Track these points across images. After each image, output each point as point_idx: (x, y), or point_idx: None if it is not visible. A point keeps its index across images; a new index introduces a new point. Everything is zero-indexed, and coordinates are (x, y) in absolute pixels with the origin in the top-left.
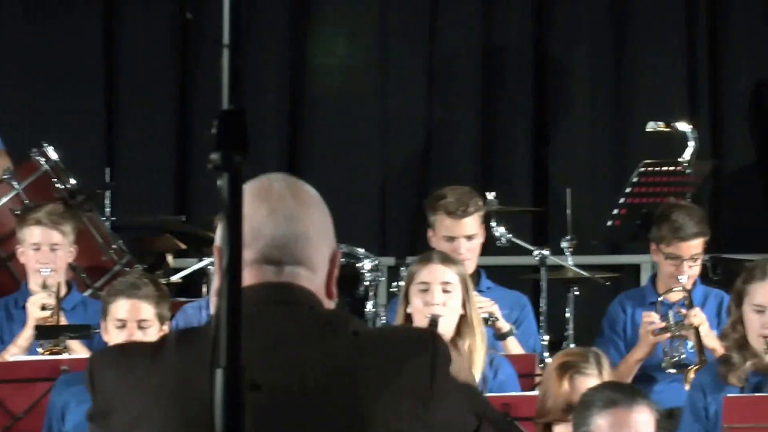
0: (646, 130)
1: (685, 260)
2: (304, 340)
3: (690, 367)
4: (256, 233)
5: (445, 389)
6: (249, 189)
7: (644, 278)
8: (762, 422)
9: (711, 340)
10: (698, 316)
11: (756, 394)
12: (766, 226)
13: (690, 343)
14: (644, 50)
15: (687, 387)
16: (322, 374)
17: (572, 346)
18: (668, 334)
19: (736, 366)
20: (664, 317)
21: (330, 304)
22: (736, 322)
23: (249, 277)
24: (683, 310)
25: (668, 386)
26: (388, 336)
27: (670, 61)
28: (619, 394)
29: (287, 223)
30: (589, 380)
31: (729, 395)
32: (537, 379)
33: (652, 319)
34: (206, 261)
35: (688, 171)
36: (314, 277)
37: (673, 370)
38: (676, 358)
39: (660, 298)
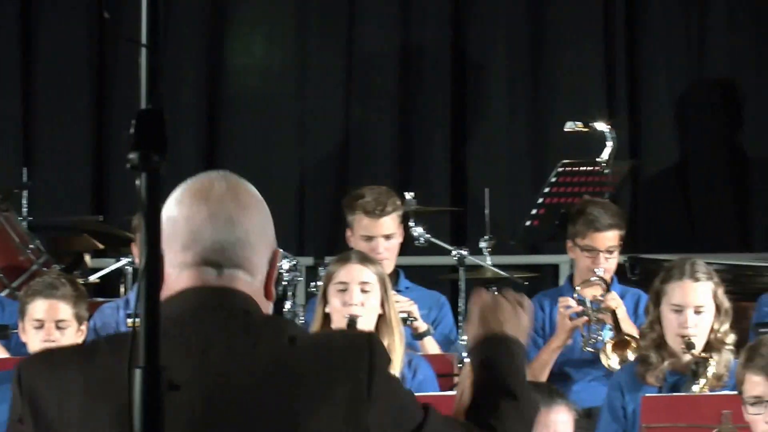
0: (564, 130)
1: (600, 252)
2: (237, 345)
3: (608, 341)
4: (195, 236)
5: (384, 391)
6: (189, 189)
7: (563, 278)
8: (679, 422)
9: (628, 325)
10: (615, 300)
11: (673, 394)
12: (684, 226)
13: (608, 328)
14: (562, 50)
15: (604, 360)
16: (255, 380)
17: None
18: (585, 318)
19: (653, 365)
20: (581, 302)
21: (269, 306)
22: (654, 321)
23: (188, 280)
24: (601, 298)
25: (586, 385)
26: (325, 342)
27: (588, 61)
28: (536, 395)
29: (227, 227)
30: None
31: (647, 395)
32: (455, 379)
33: (568, 303)
34: (124, 261)
35: (606, 171)
36: (253, 280)
37: (590, 350)
38: (594, 340)
39: (577, 288)
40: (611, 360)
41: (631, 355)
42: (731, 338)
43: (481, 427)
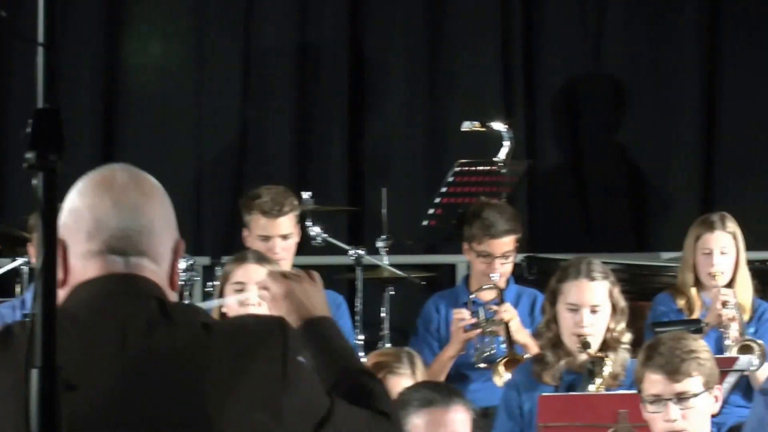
0: (462, 129)
1: (496, 257)
2: (151, 331)
3: (499, 360)
4: (99, 224)
5: (297, 375)
6: (91, 180)
7: (460, 278)
8: (576, 421)
9: (522, 335)
10: (509, 312)
11: (570, 393)
12: (581, 226)
13: (501, 339)
14: (459, 50)
15: (497, 380)
16: (173, 366)
17: (387, 345)
18: (479, 330)
19: (550, 365)
20: (475, 314)
21: (173, 296)
22: (550, 320)
23: (95, 268)
24: (494, 307)
25: (483, 385)
26: (238, 326)
27: (485, 61)
28: (435, 394)
29: (132, 215)
30: (402, 380)
31: (543, 394)
32: None
33: (462, 315)
34: (20, 261)
35: (503, 171)
36: (158, 268)
37: (483, 365)
38: (487, 353)
39: (472, 296)
40: (504, 377)
41: None
42: (627, 337)
43: (375, 412)
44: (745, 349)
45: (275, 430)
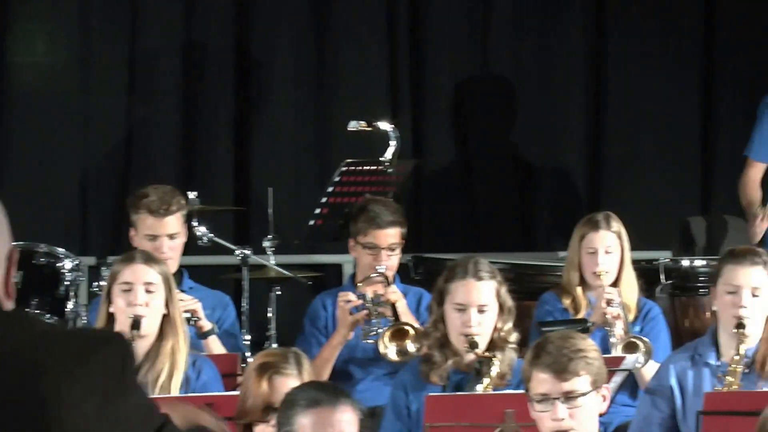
0: (348, 129)
1: (382, 249)
2: None
3: (386, 329)
4: None
5: (134, 381)
6: None
7: (346, 278)
8: (463, 420)
9: (409, 319)
10: (395, 293)
11: (457, 393)
12: (468, 226)
13: (388, 321)
14: (345, 49)
15: (381, 348)
16: (7, 373)
17: (274, 345)
18: (365, 312)
19: (437, 364)
20: (361, 297)
21: (9, 304)
22: (438, 320)
23: None
24: (381, 290)
25: (371, 385)
26: (78, 332)
27: (371, 61)
28: (322, 394)
29: None
30: (289, 380)
31: (430, 394)
32: (239, 379)
33: (348, 297)
34: None
35: (389, 170)
36: None
37: (370, 341)
38: (374, 332)
39: (359, 284)
40: (389, 349)
41: (410, 345)
42: (514, 337)
43: None
44: (630, 347)
45: (114, 421)
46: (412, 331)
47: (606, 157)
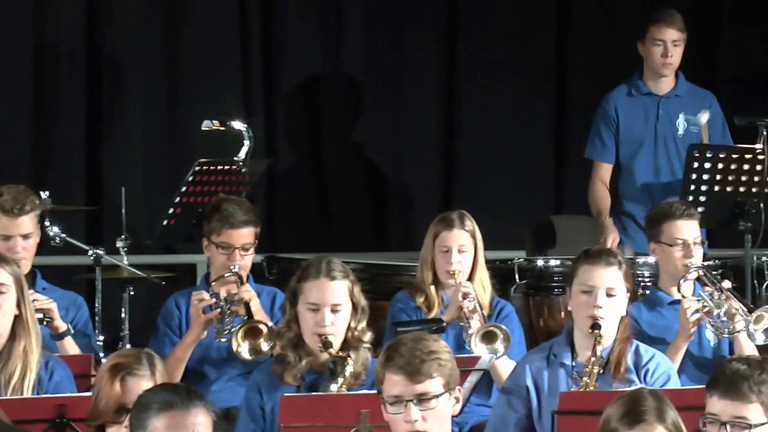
0: (202, 128)
1: (236, 249)
2: None
3: (239, 326)
4: None
5: None
6: None
7: (200, 278)
8: (318, 421)
9: (262, 317)
10: (249, 291)
11: (312, 393)
12: (321, 226)
13: (241, 320)
14: (199, 49)
15: (234, 345)
16: None
17: (128, 346)
18: (218, 311)
19: (291, 364)
20: (215, 295)
21: None
22: (291, 320)
23: None
24: (234, 289)
25: (225, 386)
26: None
27: (224, 61)
28: (175, 396)
29: None
30: (142, 382)
31: (285, 394)
32: (92, 380)
33: (202, 296)
34: None
35: (243, 170)
36: None
37: (224, 339)
38: (227, 330)
39: (213, 284)
40: (242, 347)
41: (263, 344)
42: (368, 336)
43: None
44: (488, 337)
45: None
46: (265, 330)
47: (459, 157)
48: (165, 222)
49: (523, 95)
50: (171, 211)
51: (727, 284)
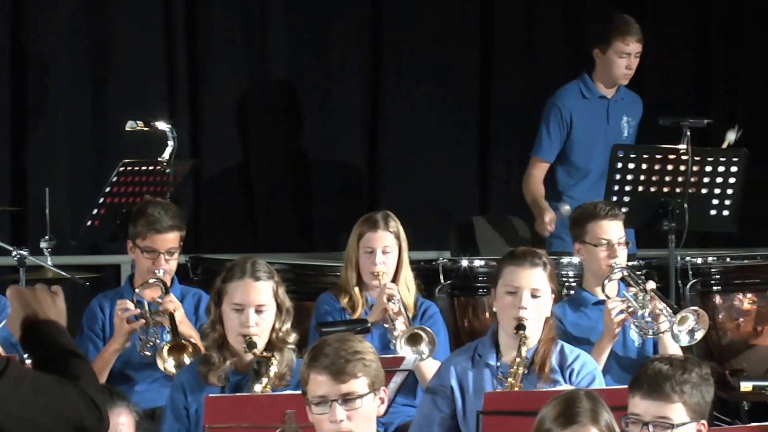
0: (126, 129)
1: (161, 253)
2: None
3: (164, 344)
4: None
5: None
6: None
7: (125, 279)
8: (243, 422)
9: (187, 328)
10: (173, 302)
11: (236, 394)
12: (246, 227)
13: (166, 331)
14: (123, 48)
15: (160, 364)
16: None
17: None
18: (143, 321)
19: (216, 365)
20: (139, 305)
21: None
22: (216, 321)
23: None
24: (159, 300)
25: (149, 386)
26: None
27: (149, 60)
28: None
29: None
30: None
31: (210, 395)
32: None
33: (126, 305)
34: None
35: (167, 170)
36: None
37: (148, 353)
38: (152, 343)
39: (136, 290)
40: (167, 363)
41: (188, 360)
42: (293, 337)
43: (66, 377)
44: (413, 339)
45: None
46: (189, 348)
47: (384, 158)
48: (89, 222)
49: (447, 97)
50: (95, 211)
51: (651, 285)
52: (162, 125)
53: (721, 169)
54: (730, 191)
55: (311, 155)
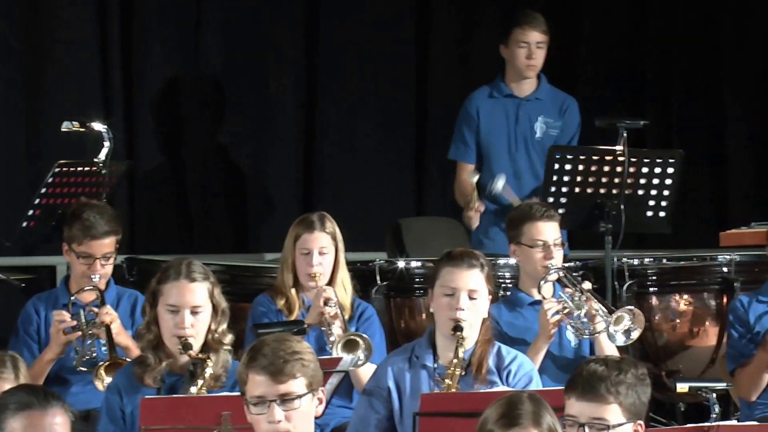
0: (62, 129)
1: (97, 259)
2: None
3: (100, 364)
4: None
5: None
6: None
7: (60, 280)
8: (179, 423)
9: (123, 338)
10: (109, 314)
11: (172, 396)
12: (182, 227)
13: (103, 341)
14: (57, 49)
15: (98, 384)
16: None
17: None
18: (79, 333)
19: (151, 366)
20: (75, 316)
21: None
22: (151, 322)
23: None
24: (95, 309)
25: (84, 388)
26: None
27: (83, 60)
28: (32, 397)
29: None
30: (6, 384)
31: (145, 396)
32: None
33: (62, 317)
34: None
35: (103, 171)
36: None
37: (84, 368)
38: (88, 357)
39: (72, 298)
40: (106, 381)
41: None
42: (229, 339)
43: None
44: (349, 345)
45: None
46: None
47: (320, 158)
48: (24, 224)
49: (384, 98)
50: (30, 212)
51: (587, 285)
52: (98, 126)
53: (657, 170)
54: (666, 192)
55: (247, 155)
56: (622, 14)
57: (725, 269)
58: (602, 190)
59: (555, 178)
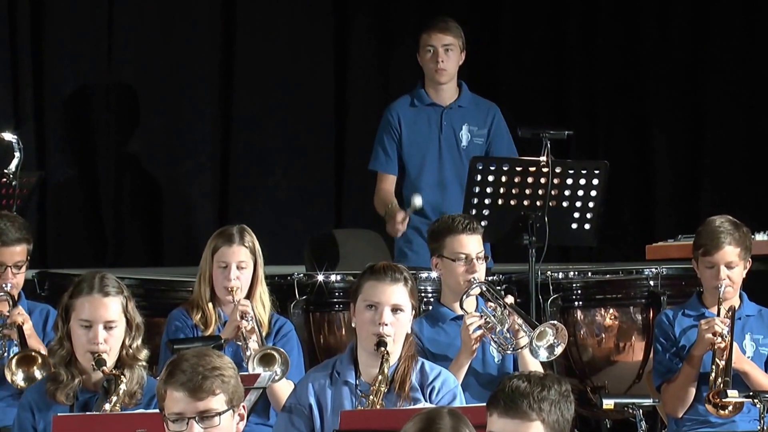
0: None
1: (8, 266)
2: None
3: (12, 356)
4: None
5: None
6: None
7: None
8: None
9: (34, 341)
10: (21, 315)
11: (85, 413)
12: (94, 240)
13: (15, 342)
14: None
15: (8, 375)
16: None
17: None
18: None
19: (63, 383)
20: None
21: None
22: (63, 338)
23: None
24: (6, 312)
25: None
26: None
27: None
28: None
29: None
30: None
31: (58, 414)
32: None
33: None
34: None
35: (14, 183)
36: None
37: None
38: (1, 356)
39: None
40: (16, 376)
41: (38, 372)
42: (144, 354)
43: None
44: (266, 360)
45: None
46: (39, 359)
47: (237, 169)
48: None
49: (303, 107)
50: None
51: (510, 300)
52: (8, 136)
53: (582, 181)
54: (591, 204)
55: (161, 166)
56: (544, 23)
57: (652, 283)
58: (526, 202)
59: (477, 189)
